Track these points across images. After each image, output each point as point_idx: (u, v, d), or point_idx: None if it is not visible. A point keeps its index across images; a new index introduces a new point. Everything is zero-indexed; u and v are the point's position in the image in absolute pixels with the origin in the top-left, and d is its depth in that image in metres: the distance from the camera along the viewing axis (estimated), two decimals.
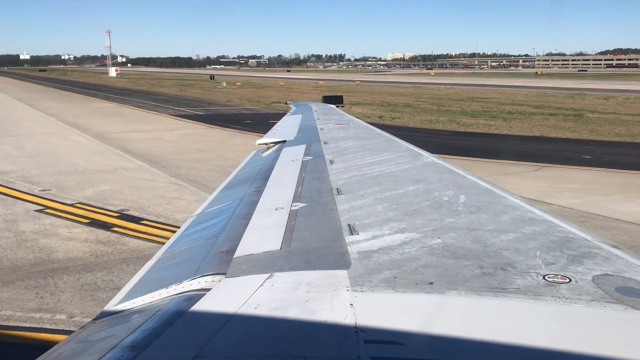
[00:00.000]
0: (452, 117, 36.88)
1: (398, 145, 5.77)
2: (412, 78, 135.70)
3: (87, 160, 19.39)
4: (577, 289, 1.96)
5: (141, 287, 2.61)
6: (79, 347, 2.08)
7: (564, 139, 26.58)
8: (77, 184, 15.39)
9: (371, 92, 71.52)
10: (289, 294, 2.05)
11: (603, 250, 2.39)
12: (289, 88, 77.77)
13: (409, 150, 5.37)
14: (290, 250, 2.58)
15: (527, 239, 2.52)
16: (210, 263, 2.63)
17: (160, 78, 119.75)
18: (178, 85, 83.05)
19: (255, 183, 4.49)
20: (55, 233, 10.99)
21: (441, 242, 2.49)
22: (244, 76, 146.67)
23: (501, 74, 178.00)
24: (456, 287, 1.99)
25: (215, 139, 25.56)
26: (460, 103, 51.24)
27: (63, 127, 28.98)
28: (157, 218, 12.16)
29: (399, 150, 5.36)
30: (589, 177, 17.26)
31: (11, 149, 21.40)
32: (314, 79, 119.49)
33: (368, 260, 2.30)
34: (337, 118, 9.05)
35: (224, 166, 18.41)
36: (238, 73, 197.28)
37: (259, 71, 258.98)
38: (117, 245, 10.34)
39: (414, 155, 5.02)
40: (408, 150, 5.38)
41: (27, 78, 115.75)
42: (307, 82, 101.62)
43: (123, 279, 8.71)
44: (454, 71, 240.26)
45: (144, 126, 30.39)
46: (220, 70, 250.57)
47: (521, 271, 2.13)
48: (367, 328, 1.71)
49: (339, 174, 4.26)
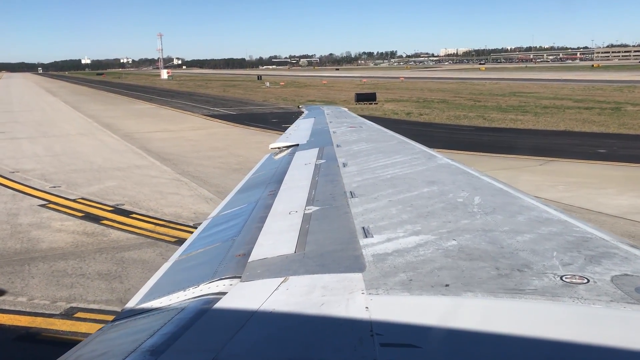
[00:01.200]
0: (483, 112, 36.44)
1: (411, 147, 5.75)
2: (461, 74, 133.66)
3: (105, 158, 20.43)
4: (596, 290, 1.92)
5: (159, 289, 2.66)
6: (99, 349, 2.11)
7: (588, 133, 25.95)
8: (87, 181, 16.34)
9: (412, 88, 71.15)
10: (304, 297, 2.05)
11: (621, 250, 2.34)
12: (331, 86, 78.18)
13: (422, 152, 5.35)
14: (305, 254, 2.59)
15: (543, 240, 2.49)
16: (227, 266, 2.65)
17: (209, 79, 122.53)
18: (223, 86, 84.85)
19: (269, 187, 4.52)
20: (48, 225, 11.83)
21: (456, 244, 2.48)
22: (291, 75, 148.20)
23: (555, 68, 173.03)
24: (472, 289, 1.98)
25: (234, 137, 26.29)
26: (498, 98, 50.38)
27: (96, 128, 30.43)
28: (147, 212, 12.84)
29: (412, 152, 5.33)
30: (592, 171, 16.95)
31: (40, 149, 22.74)
32: (359, 76, 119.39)
33: (383, 263, 2.30)
34: (350, 121, 9.08)
35: (230, 163, 19.07)
36: (287, 73, 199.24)
37: (309, 70, 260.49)
38: (98, 237, 11.06)
39: (427, 157, 4.98)
40: (421, 152, 5.35)
41: (82, 82, 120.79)
42: (352, 80, 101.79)
43: (92, 267, 9.39)
44: (506, 65, 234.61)
45: (172, 126, 31.51)
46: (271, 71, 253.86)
47: (538, 272, 2.11)
48: (382, 331, 1.71)
49: (352, 177, 4.26)
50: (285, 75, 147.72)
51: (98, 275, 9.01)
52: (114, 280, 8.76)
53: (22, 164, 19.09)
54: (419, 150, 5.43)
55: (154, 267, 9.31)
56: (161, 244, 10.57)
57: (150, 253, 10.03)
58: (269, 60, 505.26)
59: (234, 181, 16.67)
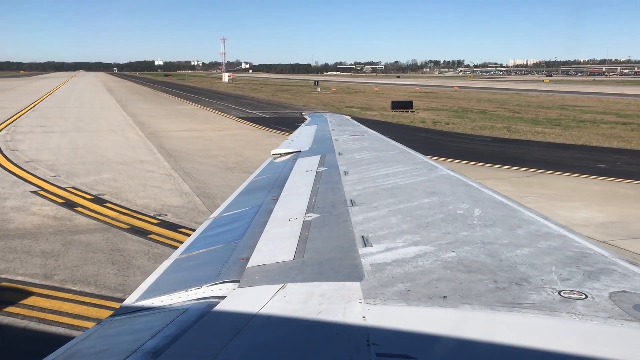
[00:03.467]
0: (512, 124, 35.97)
1: (412, 157, 5.79)
2: (521, 85, 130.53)
3: (118, 153, 21.81)
4: (594, 306, 1.93)
5: (160, 286, 2.68)
6: (99, 345, 2.12)
7: (604, 147, 25.36)
8: (87, 172, 17.63)
9: (461, 97, 70.46)
10: (301, 305, 2.06)
11: (620, 266, 2.34)
12: (380, 94, 78.38)
13: (423, 162, 5.37)
14: (303, 261, 2.61)
15: (542, 254, 2.50)
16: (230, 269, 2.66)
17: (266, 84, 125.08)
18: (275, 91, 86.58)
19: (270, 192, 4.53)
20: (27, 209, 13.04)
21: (455, 256, 2.49)
22: (349, 82, 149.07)
23: (626, 82, 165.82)
24: (470, 302, 1.98)
25: (250, 139, 27.28)
26: (542, 110, 49.34)
27: (128, 126, 32.21)
28: (121, 202, 13.86)
29: (414, 162, 5.35)
30: (573, 185, 16.80)
31: (65, 143, 24.45)
32: (414, 84, 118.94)
33: (381, 273, 2.31)
34: (352, 129, 9.18)
35: (228, 162, 20.00)
36: (347, 79, 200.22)
37: (370, 77, 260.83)
38: (64, 221, 12.15)
39: (428, 167, 5.00)
40: (423, 162, 5.37)
41: (147, 82, 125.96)
42: (405, 88, 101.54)
43: (40, 246, 10.42)
44: (574, 78, 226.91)
45: (200, 126, 32.90)
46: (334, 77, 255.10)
47: (536, 286, 2.12)
48: (379, 341, 1.72)
49: (353, 185, 4.27)
50: (343, 82, 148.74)
51: (40, 253, 10.02)
52: (50, 258, 9.73)
53: (40, 155, 20.68)
54: (420, 161, 5.47)
55: (92, 248, 10.30)
56: (113, 230, 11.51)
57: (98, 237, 10.97)
58: (334, 67, 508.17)
59: (221, 179, 17.63)
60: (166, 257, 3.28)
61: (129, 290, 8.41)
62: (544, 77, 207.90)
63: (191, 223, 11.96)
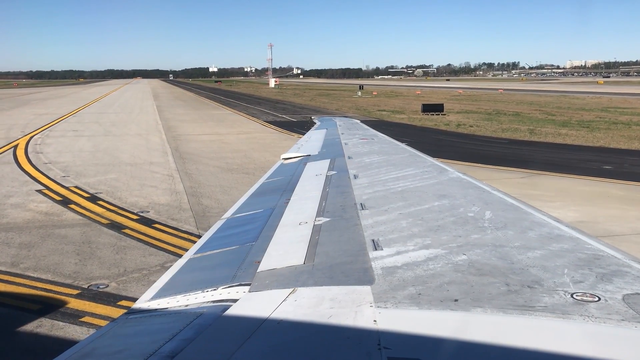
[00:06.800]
0: (540, 126, 35.44)
1: (422, 160, 5.80)
2: (572, 87, 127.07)
3: (132, 155, 22.91)
4: (607, 308, 1.92)
5: (174, 286, 2.71)
6: (116, 344, 2.13)
7: (621, 149, 24.80)
8: (95, 173, 18.70)
9: (502, 100, 69.47)
10: (312, 309, 2.07)
11: (633, 268, 2.34)
12: (422, 97, 77.99)
13: (433, 165, 5.36)
14: (314, 265, 2.61)
15: (554, 256, 2.49)
16: (246, 272, 2.68)
17: (311, 88, 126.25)
18: (316, 95, 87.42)
19: (281, 195, 4.56)
20: (24, 206, 14.08)
21: (466, 259, 2.49)
22: (394, 85, 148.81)
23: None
24: (482, 305, 1.98)
25: (266, 142, 28.01)
26: (580, 112, 48.27)
27: (155, 130, 33.58)
28: (113, 200, 14.75)
29: (424, 166, 5.34)
30: (564, 186, 16.67)
31: (89, 146, 25.83)
32: (460, 87, 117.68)
33: (392, 276, 2.31)
34: (362, 133, 9.19)
35: (232, 164, 20.71)
36: (395, 83, 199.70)
37: (420, 81, 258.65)
38: (53, 217, 13.08)
39: (438, 170, 4.99)
40: (432, 165, 5.36)
41: (196, 88, 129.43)
42: (450, 91, 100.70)
43: (21, 238, 11.32)
44: (631, 80, 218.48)
45: (224, 130, 33.95)
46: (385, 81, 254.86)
47: (548, 289, 2.11)
48: (390, 345, 1.73)
49: (363, 189, 4.28)
50: (389, 85, 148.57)
51: (18, 244, 10.92)
52: (24, 249, 10.60)
53: (60, 157, 22.00)
54: (430, 164, 5.45)
55: (66, 241, 11.12)
56: (94, 225, 12.35)
57: (76, 231, 11.81)
58: (385, 70, 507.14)
59: (217, 179, 18.37)
60: (130, 249, 3.63)
61: (81, 277, 9.20)
62: (598, 79, 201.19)
63: (167, 220, 12.67)
